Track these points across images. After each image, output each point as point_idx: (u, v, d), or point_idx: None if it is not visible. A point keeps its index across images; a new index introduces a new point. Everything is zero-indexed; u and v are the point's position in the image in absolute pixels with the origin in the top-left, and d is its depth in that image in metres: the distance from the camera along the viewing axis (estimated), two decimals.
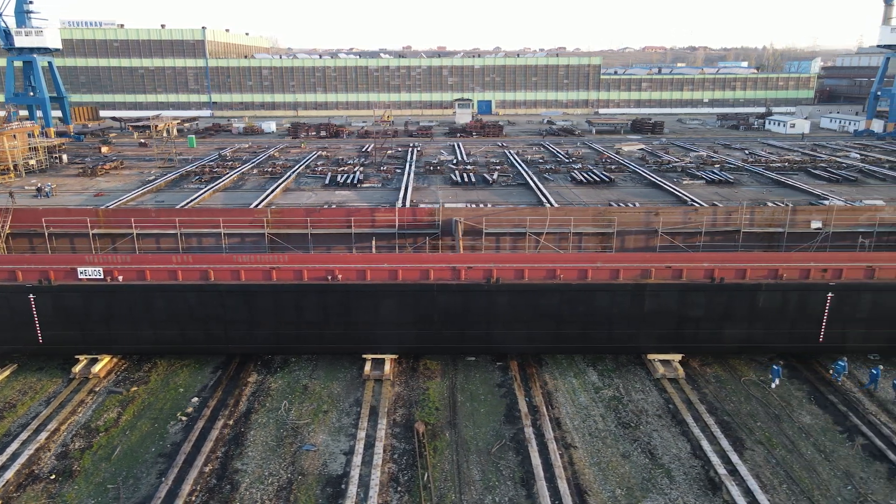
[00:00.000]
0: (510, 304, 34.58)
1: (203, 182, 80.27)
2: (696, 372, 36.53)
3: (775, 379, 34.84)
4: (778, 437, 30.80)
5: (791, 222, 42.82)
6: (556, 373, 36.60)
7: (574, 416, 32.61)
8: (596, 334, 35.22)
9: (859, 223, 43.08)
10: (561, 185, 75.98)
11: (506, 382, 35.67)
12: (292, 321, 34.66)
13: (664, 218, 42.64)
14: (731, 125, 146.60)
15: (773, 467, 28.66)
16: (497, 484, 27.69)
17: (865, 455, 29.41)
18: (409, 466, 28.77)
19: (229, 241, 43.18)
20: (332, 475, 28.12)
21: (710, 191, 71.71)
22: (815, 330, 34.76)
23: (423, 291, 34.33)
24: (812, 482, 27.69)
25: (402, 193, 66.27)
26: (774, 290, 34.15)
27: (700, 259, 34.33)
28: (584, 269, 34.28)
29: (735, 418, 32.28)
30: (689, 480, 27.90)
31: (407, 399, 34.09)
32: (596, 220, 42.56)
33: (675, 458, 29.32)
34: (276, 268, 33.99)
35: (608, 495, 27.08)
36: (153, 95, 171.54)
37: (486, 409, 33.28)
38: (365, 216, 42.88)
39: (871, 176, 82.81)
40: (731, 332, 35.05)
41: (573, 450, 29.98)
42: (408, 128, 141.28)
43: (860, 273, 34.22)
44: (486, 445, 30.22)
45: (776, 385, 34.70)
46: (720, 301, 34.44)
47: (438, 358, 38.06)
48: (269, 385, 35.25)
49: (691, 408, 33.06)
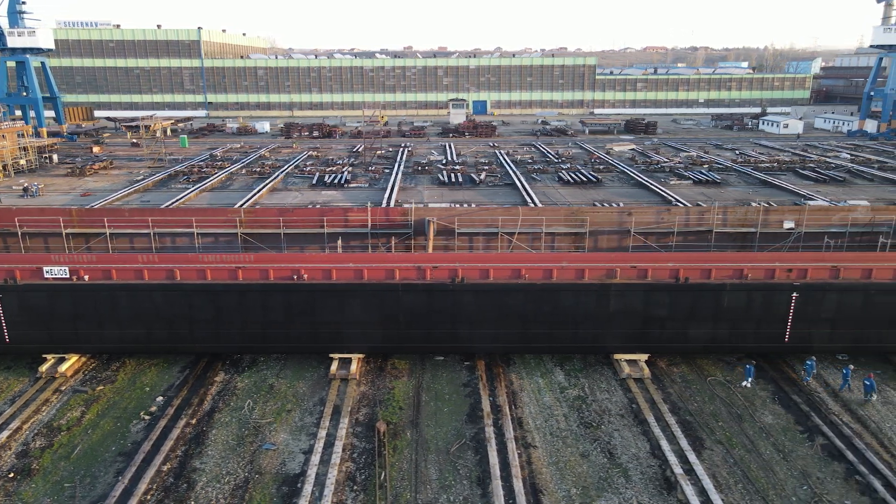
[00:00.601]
0: (475, 303, 34.65)
1: (191, 182, 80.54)
2: (663, 372, 36.56)
3: (748, 378, 34.81)
4: (738, 436, 30.82)
5: (764, 222, 42.82)
6: (524, 372, 36.65)
7: (537, 416, 32.66)
8: (562, 334, 35.27)
9: (832, 223, 43.06)
10: (548, 186, 76.03)
11: (472, 382, 35.73)
12: (258, 321, 34.76)
13: (637, 218, 42.67)
14: (725, 125, 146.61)
15: (731, 467, 28.70)
16: (453, 483, 27.75)
17: (824, 455, 29.45)
18: (368, 465, 28.85)
19: (203, 240, 43.29)
20: (290, 474, 28.20)
21: (697, 191, 71.78)
22: (780, 330, 34.79)
23: (389, 291, 34.41)
24: (768, 482, 27.72)
25: (387, 193, 66.37)
26: (739, 289, 34.18)
27: (665, 259, 34.38)
28: (550, 269, 34.34)
29: (697, 418, 32.31)
30: (645, 480, 27.95)
31: (372, 398, 34.16)
32: (568, 220, 42.61)
33: (633, 458, 29.37)
34: (241, 267, 34.09)
35: (563, 494, 27.14)
36: (149, 96, 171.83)
37: (449, 408, 33.35)
38: (338, 216, 42.98)
39: (859, 176, 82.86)
40: (696, 332, 35.08)
41: (532, 449, 30.02)
42: (401, 128, 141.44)
43: (825, 273, 34.23)
44: (445, 445, 30.29)
45: (749, 385, 34.67)
46: (685, 301, 34.47)
47: (407, 357, 38.12)
48: (236, 384, 35.35)
49: (654, 407, 33.10)
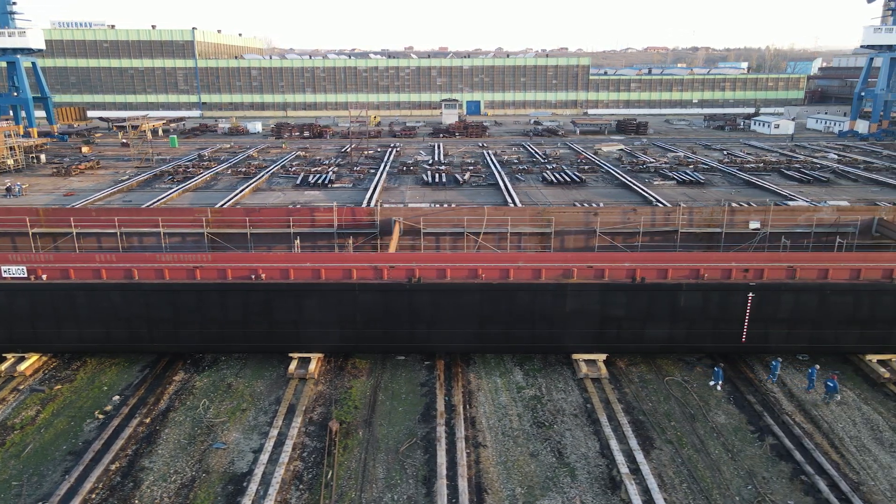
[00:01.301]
0: (432, 303, 34.75)
1: (175, 182, 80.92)
2: (622, 371, 36.62)
3: (718, 380, 34.77)
4: (689, 436, 30.88)
5: (730, 223, 42.86)
6: (483, 372, 36.74)
7: (491, 416, 32.73)
8: (519, 334, 35.34)
9: (797, 224, 43.07)
10: (531, 186, 76.28)
11: (429, 381, 35.83)
12: (217, 320, 34.88)
13: (603, 218, 42.73)
14: (717, 126, 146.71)
15: (678, 466, 28.75)
16: (399, 482, 27.84)
17: (772, 455, 29.49)
18: (317, 465, 28.95)
19: (171, 240, 43.44)
20: (237, 473, 28.30)
21: (679, 191, 71.95)
22: (737, 330, 34.83)
23: (345, 291, 34.52)
24: (713, 481, 27.77)
25: (368, 193, 66.65)
26: (695, 289, 34.23)
27: (622, 259, 34.43)
28: (506, 269, 34.41)
29: (650, 418, 32.37)
30: (590, 479, 28.02)
31: (328, 398, 34.27)
32: (534, 220, 42.67)
33: (581, 458, 29.44)
34: (199, 267, 34.21)
35: (508, 493, 27.21)
36: (143, 96, 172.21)
37: (404, 407, 33.45)
38: (304, 216, 43.09)
39: (843, 177, 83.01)
40: (653, 332, 35.13)
41: (482, 448, 30.10)
42: (392, 128, 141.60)
43: (781, 273, 34.26)
44: (396, 444, 30.39)
45: (719, 388, 34.67)
46: (642, 301, 34.52)
47: (368, 357, 38.24)
48: (194, 383, 35.47)
49: (608, 407, 33.16)
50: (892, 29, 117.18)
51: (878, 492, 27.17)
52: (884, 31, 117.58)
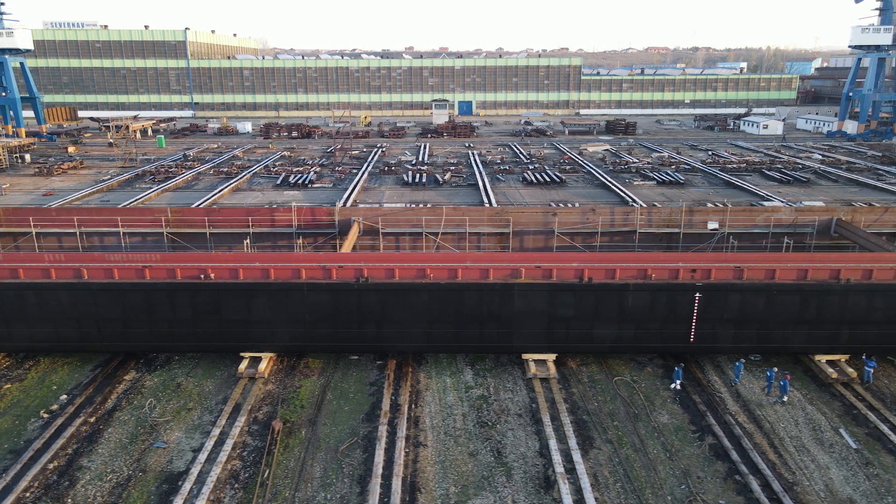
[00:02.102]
0: (381, 303, 34.82)
1: (156, 182, 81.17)
2: (572, 372, 36.69)
3: (677, 380, 34.77)
4: (630, 436, 30.94)
5: (689, 223, 42.87)
6: (433, 372, 36.83)
7: (436, 415, 32.83)
8: (468, 334, 35.43)
9: (755, 224, 43.09)
10: (510, 186, 76.37)
11: (379, 381, 35.93)
12: (166, 319, 34.99)
13: (561, 218, 42.78)
14: (706, 126, 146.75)
15: (614, 466, 28.82)
16: (334, 482, 27.94)
17: (710, 455, 29.54)
18: (255, 464, 29.05)
19: (131, 240, 43.58)
20: (174, 472, 28.41)
21: (658, 192, 71.99)
22: (685, 330, 34.88)
23: (294, 290, 34.62)
24: (648, 481, 27.84)
25: (346, 194, 66.76)
26: (643, 290, 34.28)
27: (569, 259, 34.50)
28: (454, 269, 34.50)
29: (594, 417, 32.44)
30: (525, 479, 28.10)
31: (276, 397, 34.38)
32: (492, 220, 42.73)
33: (520, 457, 29.51)
34: (148, 266, 34.34)
35: (441, 493, 27.30)
36: (135, 96, 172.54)
37: (350, 407, 33.55)
38: (264, 216, 43.20)
39: (825, 177, 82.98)
40: (602, 332, 35.19)
41: (422, 448, 30.19)
42: (382, 128, 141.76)
43: (729, 274, 34.30)
44: (337, 443, 30.49)
45: (678, 387, 34.67)
46: (589, 301, 34.59)
47: (322, 357, 38.35)
48: (144, 383, 35.61)
49: (553, 407, 33.24)
50: (880, 29, 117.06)
51: (811, 492, 27.22)
52: (871, 32, 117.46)
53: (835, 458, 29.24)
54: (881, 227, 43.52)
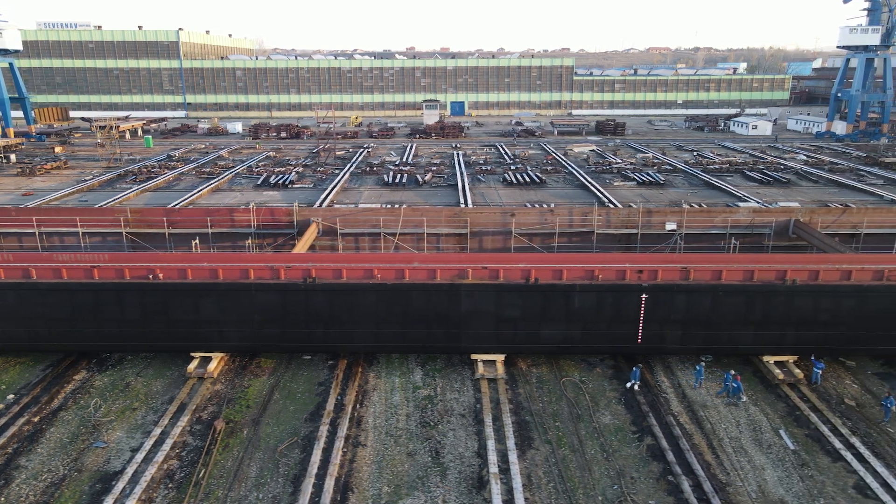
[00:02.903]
0: (328, 303, 34.91)
1: (137, 182, 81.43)
2: (521, 372, 36.71)
3: (635, 380, 34.75)
4: (570, 436, 30.98)
5: (647, 224, 42.86)
6: (383, 372, 36.89)
7: (379, 415, 32.90)
8: (416, 334, 35.50)
9: (713, 225, 43.06)
10: (490, 187, 76.44)
11: (328, 381, 36.01)
12: (115, 319, 35.10)
13: (519, 219, 42.80)
14: (697, 127, 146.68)
15: (549, 466, 28.86)
16: (269, 481, 28.03)
17: (647, 455, 29.56)
18: (192, 464, 29.14)
19: (92, 240, 43.71)
20: (109, 471, 28.53)
21: (636, 192, 72.06)
22: (632, 331, 34.88)
23: (242, 290, 34.71)
24: (580, 481, 27.88)
25: (324, 194, 66.92)
26: (589, 290, 34.31)
27: (516, 260, 34.54)
28: (401, 269, 34.55)
29: (537, 418, 32.48)
30: (459, 479, 28.16)
31: (223, 397, 34.48)
32: (450, 221, 42.77)
33: (457, 457, 29.57)
34: (96, 266, 34.45)
35: (374, 493, 27.38)
36: (128, 96, 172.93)
37: (296, 407, 33.63)
38: (224, 216, 43.30)
39: (806, 178, 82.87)
40: (549, 333, 35.22)
41: (361, 448, 30.26)
42: (371, 129, 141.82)
43: (675, 274, 34.31)
44: (277, 443, 30.56)
45: (636, 387, 34.64)
46: (536, 302, 34.62)
47: (276, 357, 38.44)
48: (94, 382, 35.74)
49: (497, 407, 33.28)
50: (868, 29, 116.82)
51: (743, 493, 27.24)
52: (859, 32, 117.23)
53: (771, 460, 29.25)
54: (839, 229, 43.47)
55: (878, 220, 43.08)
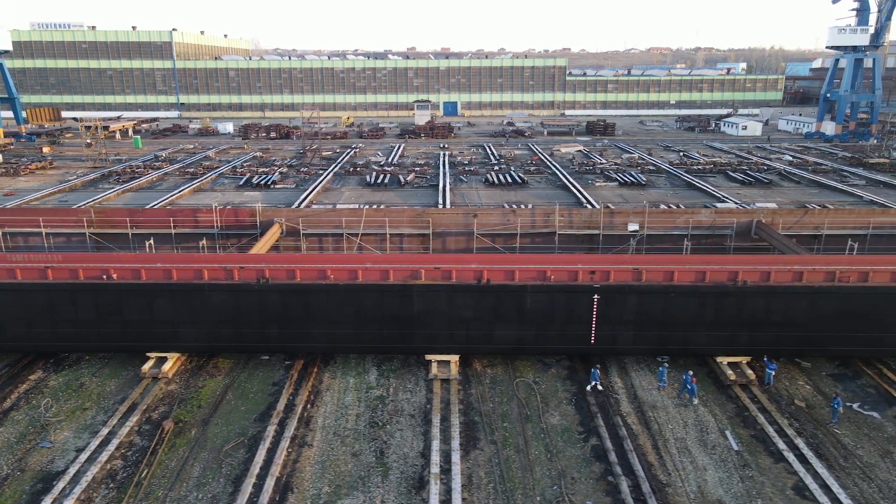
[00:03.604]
0: (282, 303, 34.98)
1: (121, 182, 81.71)
2: (476, 373, 36.74)
3: (595, 381, 34.69)
4: (516, 437, 31.00)
5: (610, 225, 42.88)
6: (339, 372, 36.95)
7: (329, 415, 32.96)
8: (369, 334, 35.57)
9: (675, 226, 43.05)
10: (471, 187, 76.57)
11: (283, 381, 36.07)
12: (69, 320, 35.20)
13: (482, 220, 42.84)
14: (688, 127, 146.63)
15: (492, 467, 28.89)
16: (210, 481, 28.10)
17: (590, 456, 29.58)
18: (137, 463, 29.22)
19: (56, 240, 43.82)
20: (52, 471, 28.61)
21: (617, 193, 72.14)
22: (585, 332, 34.90)
23: (195, 291, 34.79)
24: (521, 482, 27.91)
25: (304, 195, 67.07)
26: (541, 291, 34.33)
27: (469, 260, 34.59)
28: (354, 270, 34.62)
29: (485, 418, 32.51)
30: (400, 480, 28.21)
31: (176, 397, 34.56)
32: (412, 221, 42.83)
33: (400, 458, 29.61)
34: (50, 267, 34.56)
35: (314, 493, 27.44)
36: (122, 97, 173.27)
37: (247, 407, 33.71)
38: (187, 217, 43.40)
39: (788, 179, 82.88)
40: (502, 334, 35.25)
41: (306, 448, 30.32)
42: (361, 129, 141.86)
43: (627, 275, 34.32)
44: (224, 443, 30.62)
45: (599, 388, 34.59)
46: (488, 302, 34.65)
47: (234, 357, 38.51)
48: (48, 382, 35.85)
49: (447, 408, 33.33)
50: (857, 30, 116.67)
51: (682, 493, 27.26)
52: (848, 32, 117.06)
53: (714, 460, 29.26)
54: (801, 230, 43.44)
55: (839, 221, 43.07)
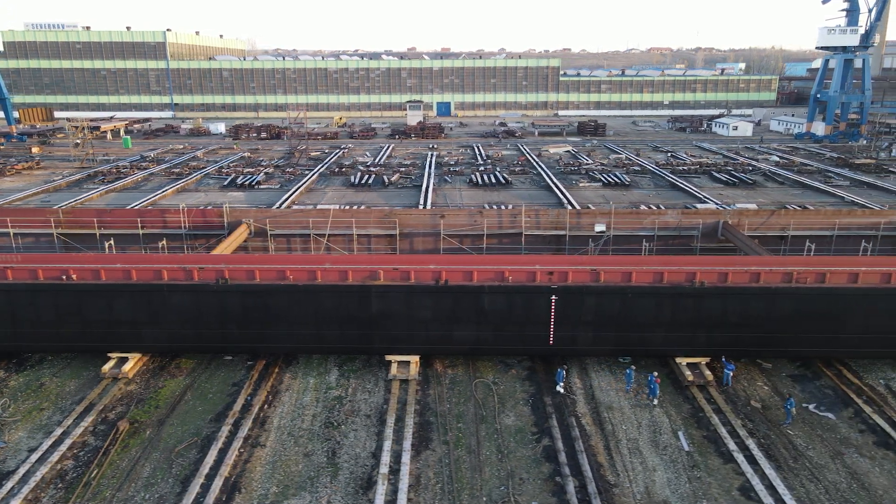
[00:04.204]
0: (241, 304, 35.05)
1: (105, 182, 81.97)
2: (437, 373, 36.78)
3: (560, 381, 34.70)
4: (469, 437, 31.04)
5: (577, 225, 42.92)
6: (300, 372, 37.01)
7: (285, 416, 33.01)
8: (328, 335, 35.62)
9: (642, 226, 43.08)
10: (455, 188, 76.72)
11: (243, 381, 36.14)
12: (29, 320, 35.29)
13: (449, 220, 42.89)
14: (679, 128, 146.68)
15: (441, 467, 28.93)
16: (159, 482, 28.15)
17: (540, 456, 29.61)
18: (88, 464, 29.27)
19: (24, 241, 43.94)
20: (3, 471, 28.69)
21: (599, 193, 72.21)
22: (544, 333, 34.93)
23: (155, 291, 34.87)
24: (469, 482, 27.95)
25: (286, 195, 67.24)
26: (498, 292, 34.37)
27: (426, 261, 34.64)
28: (313, 271, 34.67)
29: (440, 419, 32.56)
30: (349, 480, 28.26)
31: (135, 397, 34.63)
32: (380, 222, 42.90)
33: (352, 458, 29.66)
34: (9, 267, 34.66)
35: (261, 493, 27.49)
36: (115, 97, 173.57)
37: (204, 407, 33.78)
38: (155, 217, 43.51)
39: (772, 179, 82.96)
40: (461, 334, 35.30)
41: (258, 448, 30.38)
42: (352, 129, 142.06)
43: (585, 276, 34.34)
44: (177, 444, 30.68)
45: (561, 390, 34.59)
46: (447, 303, 34.70)
47: (197, 357, 38.57)
48: (9, 383, 35.94)
49: (403, 408, 33.36)
50: (846, 30, 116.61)
51: (629, 494, 27.29)
52: (837, 33, 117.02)
53: (665, 461, 29.28)
54: (767, 231, 43.42)
55: (806, 222, 43.04)
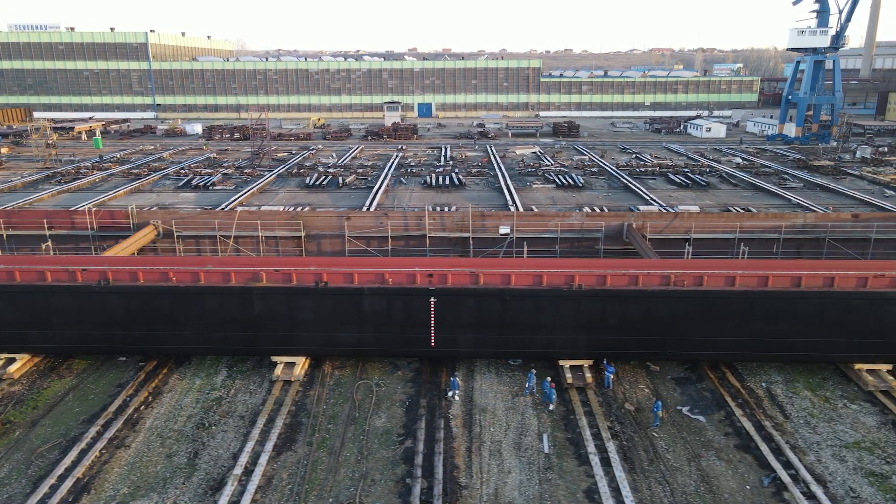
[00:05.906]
0: (124, 305, 35.22)
1: (62, 182, 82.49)
2: (324, 374, 36.84)
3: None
4: (336, 438, 31.10)
5: (482, 228, 42.94)
6: (189, 373, 37.09)
7: (160, 417, 33.09)
8: (212, 336, 35.72)
9: (546, 229, 43.08)
10: (409, 189, 76.97)
11: (128, 382, 36.25)
12: None
13: (354, 223, 42.97)
14: (655, 129, 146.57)
15: (298, 468, 28.99)
16: (12, 482, 28.26)
17: (399, 458, 29.66)
18: None
19: None
20: None
21: (549, 195, 72.33)
22: (425, 335, 34.96)
23: (37, 293, 35.03)
24: (321, 484, 28.01)
25: (237, 196, 67.50)
26: (378, 294, 34.42)
27: (308, 263, 34.71)
28: (196, 273, 34.78)
29: (313, 419, 32.61)
30: (202, 481, 28.33)
31: (15, 398, 34.76)
32: (286, 223, 43.00)
33: (212, 459, 29.73)
34: None
35: (112, 493, 27.57)
36: (98, 97, 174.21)
37: (81, 408, 33.88)
38: (63, 219, 43.70)
39: (727, 181, 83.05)
40: (343, 336, 35.35)
41: (122, 449, 30.45)
42: (327, 130, 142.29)
43: (465, 279, 34.37)
44: (42, 444, 30.79)
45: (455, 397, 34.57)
46: (327, 305, 34.77)
47: (92, 358, 38.68)
48: None
49: (277, 409, 33.43)
50: (817, 31, 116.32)
51: (477, 496, 27.32)
52: (808, 34, 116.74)
53: (522, 463, 29.28)
54: (671, 234, 43.36)
55: (708, 225, 42.92)
